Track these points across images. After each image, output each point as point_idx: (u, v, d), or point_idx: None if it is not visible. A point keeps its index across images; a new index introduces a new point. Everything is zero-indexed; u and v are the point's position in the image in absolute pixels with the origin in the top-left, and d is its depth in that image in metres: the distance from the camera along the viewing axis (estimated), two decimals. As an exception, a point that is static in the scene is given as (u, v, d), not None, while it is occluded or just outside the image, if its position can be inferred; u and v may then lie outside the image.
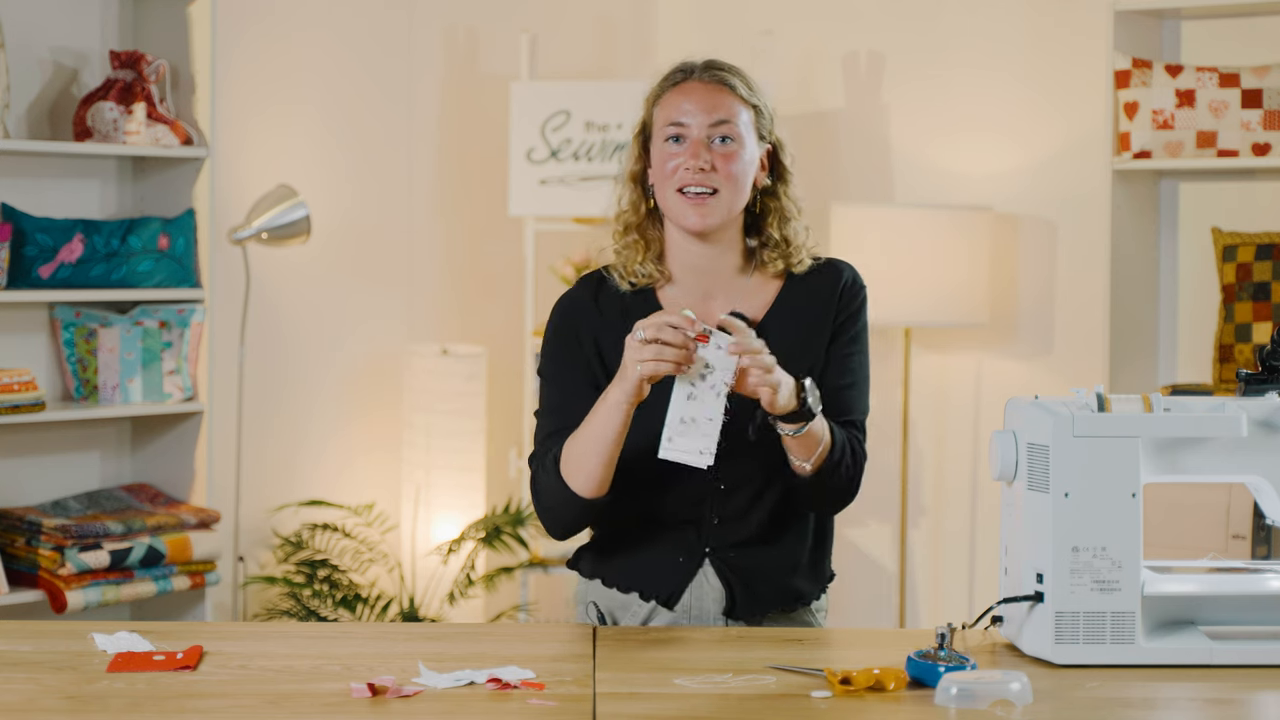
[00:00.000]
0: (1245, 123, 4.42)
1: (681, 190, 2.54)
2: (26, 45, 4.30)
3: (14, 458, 4.35)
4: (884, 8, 5.19)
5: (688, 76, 2.59)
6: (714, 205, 2.55)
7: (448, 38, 5.25)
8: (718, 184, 2.54)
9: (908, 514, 5.05)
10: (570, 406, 2.54)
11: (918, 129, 5.14)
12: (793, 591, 2.60)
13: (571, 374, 2.58)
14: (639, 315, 2.50)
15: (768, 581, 2.58)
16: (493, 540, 4.81)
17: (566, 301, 2.65)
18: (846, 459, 2.52)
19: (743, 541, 2.56)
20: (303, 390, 4.96)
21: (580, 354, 2.59)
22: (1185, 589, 2.35)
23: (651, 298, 2.61)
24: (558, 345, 2.62)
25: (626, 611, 2.59)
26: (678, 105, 2.57)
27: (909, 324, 4.82)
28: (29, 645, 2.36)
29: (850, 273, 2.65)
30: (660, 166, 2.57)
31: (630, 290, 2.61)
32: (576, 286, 2.66)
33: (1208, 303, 4.68)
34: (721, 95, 2.57)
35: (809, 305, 2.61)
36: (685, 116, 2.55)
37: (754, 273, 2.63)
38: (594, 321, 2.60)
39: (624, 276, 2.62)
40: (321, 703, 2.09)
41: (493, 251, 5.30)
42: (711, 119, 2.55)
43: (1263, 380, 2.39)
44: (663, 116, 2.58)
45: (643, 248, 2.61)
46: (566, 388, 2.57)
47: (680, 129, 2.55)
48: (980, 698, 2.08)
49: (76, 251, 4.24)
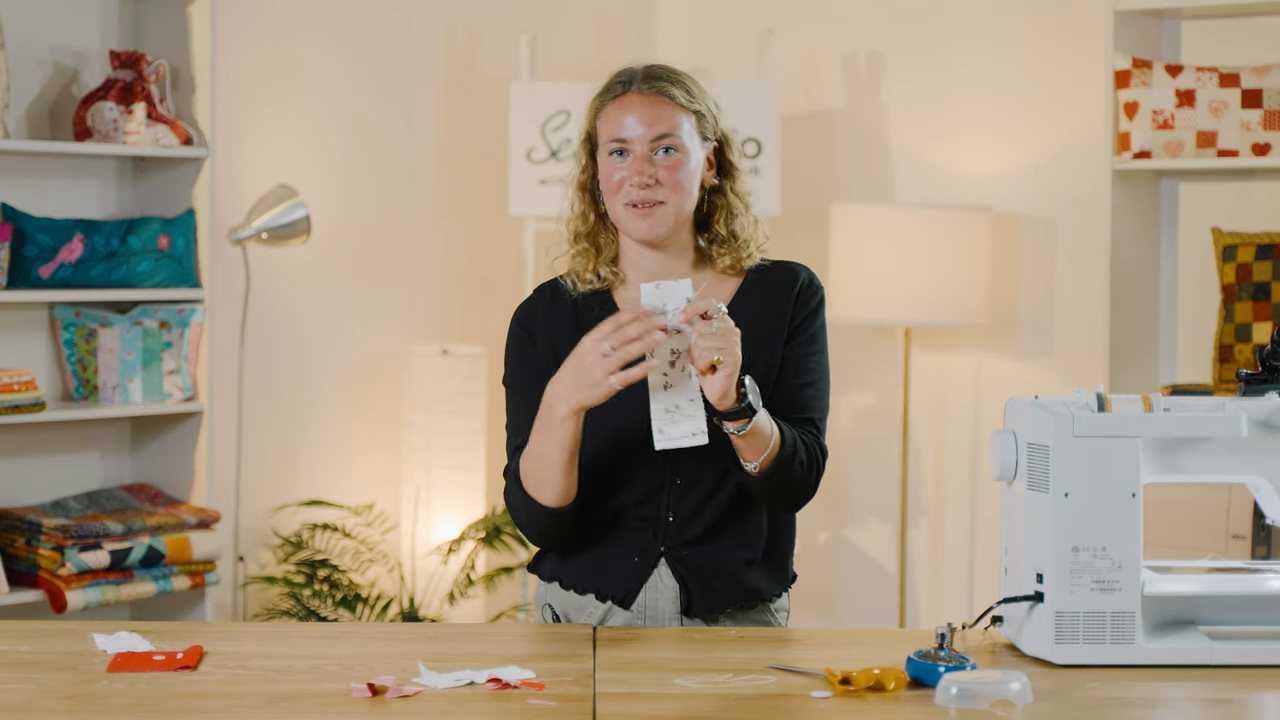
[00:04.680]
0: (1245, 123, 4.42)
1: (629, 203, 2.57)
2: (26, 45, 4.30)
3: (14, 458, 4.35)
4: (884, 8, 5.19)
5: (627, 88, 2.60)
6: (661, 215, 2.57)
7: (448, 38, 5.25)
8: (664, 196, 2.56)
9: (908, 514, 5.05)
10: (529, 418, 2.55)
11: (918, 129, 5.14)
12: (749, 589, 2.60)
13: (535, 385, 2.56)
14: (596, 318, 2.53)
15: (722, 578, 2.58)
16: (493, 540, 4.81)
17: (522, 311, 2.68)
18: (800, 457, 2.52)
19: (697, 538, 2.58)
20: (303, 390, 4.96)
21: (538, 362, 2.61)
22: (1185, 589, 2.35)
23: (608, 299, 2.64)
24: (518, 356, 2.65)
25: (582, 612, 2.60)
26: (619, 120, 2.58)
27: (909, 324, 4.82)
28: (29, 645, 2.36)
29: (806, 274, 2.67)
30: (607, 180, 2.60)
31: (585, 294, 2.64)
32: (532, 296, 2.70)
33: (1208, 303, 4.68)
34: (661, 106, 2.57)
35: (764, 305, 2.63)
36: (626, 131, 2.57)
37: (706, 271, 2.65)
38: (550, 327, 2.63)
39: (578, 283, 2.65)
40: (321, 703, 2.09)
41: (493, 251, 5.30)
42: (653, 133, 2.56)
43: (1263, 380, 2.39)
44: (605, 130, 2.60)
45: (594, 254, 2.64)
46: (532, 399, 2.56)
47: (623, 144, 2.57)
48: (980, 698, 2.08)
49: (76, 251, 4.24)
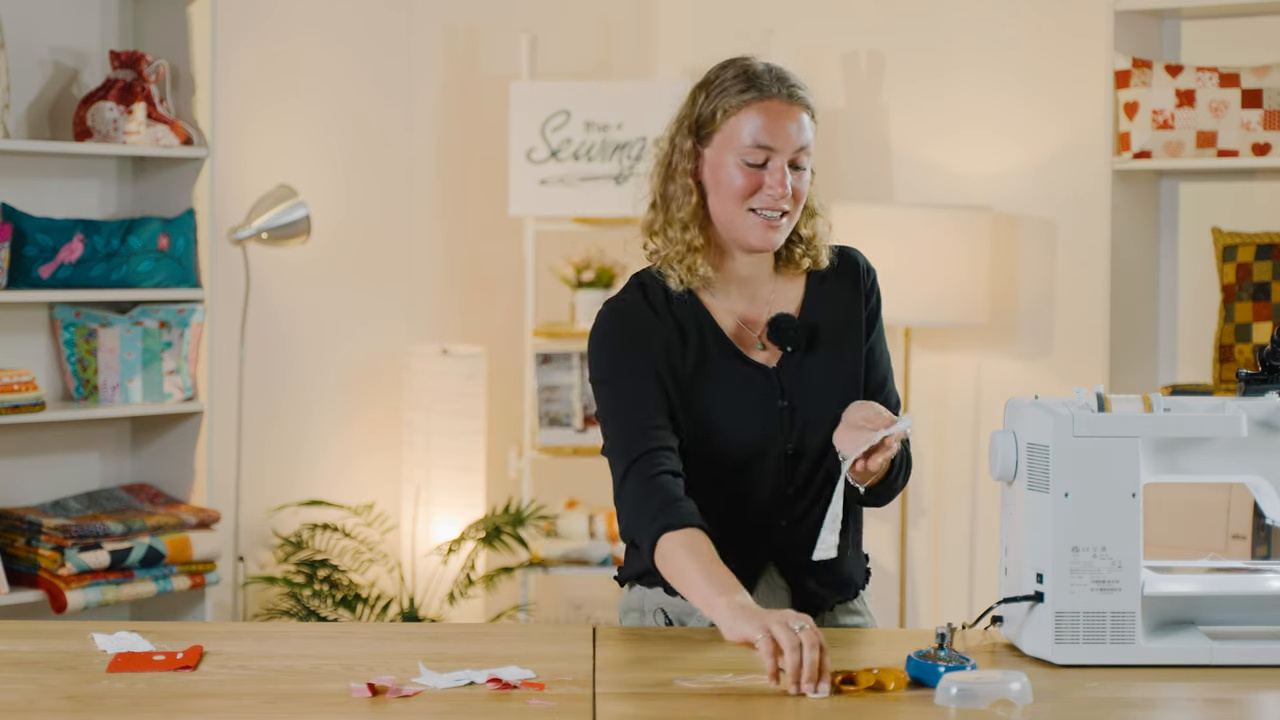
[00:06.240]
0: (1245, 123, 4.42)
1: (755, 210, 2.50)
2: (26, 45, 4.30)
3: (14, 458, 4.35)
4: (884, 8, 5.19)
5: (765, 92, 2.50)
6: (785, 227, 2.52)
7: (448, 37, 5.25)
8: (790, 207, 2.51)
9: (908, 514, 5.05)
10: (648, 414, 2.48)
11: (918, 129, 5.14)
12: (848, 582, 2.62)
13: (645, 380, 2.50)
14: (692, 322, 2.51)
15: (828, 575, 2.58)
16: (493, 540, 4.81)
17: (622, 307, 2.56)
18: (900, 479, 2.55)
19: (804, 540, 2.53)
20: (303, 390, 4.96)
21: (648, 359, 2.51)
22: (1185, 589, 2.35)
23: (699, 303, 2.56)
24: (624, 350, 2.53)
25: (693, 616, 2.54)
26: (762, 126, 2.48)
27: (909, 324, 4.82)
28: (29, 645, 2.36)
29: (864, 258, 2.65)
30: (731, 182, 2.50)
31: (678, 296, 2.55)
32: (626, 292, 2.58)
33: (1208, 303, 4.68)
34: (803, 118, 2.50)
35: (838, 297, 2.61)
36: (773, 141, 2.48)
37: (782, 271, 2.62)
38: (656, 327, 2.53)
39: (678, 275, 2.54)
40: (321, 703, 2.09)
41: (493, 251, 5.30)
42: (797, 145, 2.49)
43: (1263, 380, 2.39)
44: (741, 133, 2.49)
45: (702, 246, 2.54)
46: (645, 391, 2.49)
47: (767, 153, 2.48)
48: (980, 698, 2.08)
49: (76, 251, 4.24)
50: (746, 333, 2.57)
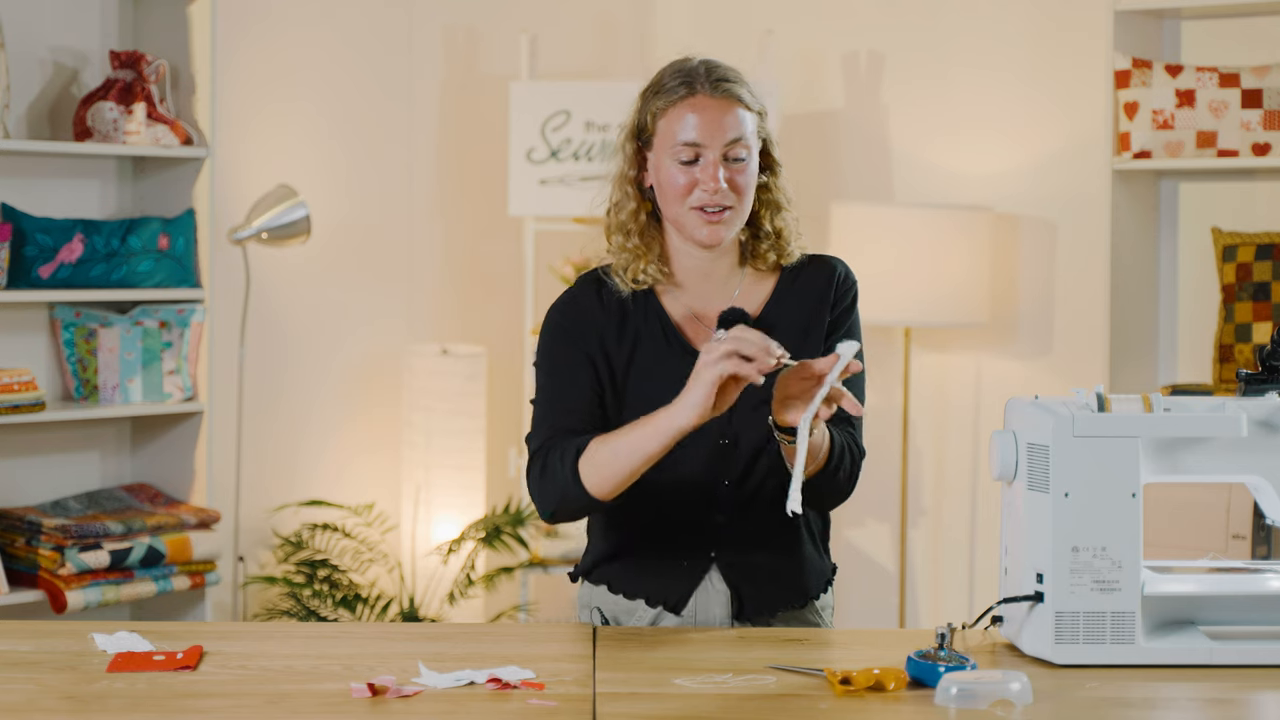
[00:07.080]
0: (1245, 123, 4.42)
1: (697, 208, 2.51)
2: (26, 45, 4.30)
3: (14, 458, 4.35)
4: (884, 8, 5.19)
5: (693, 90, 2.52)
6: (729, 220, 2.53)
7: (448, 37, 5.25)
8: (732, 201, 2.51)
9: (907, 514, 5.05)
10: (574, 400, 2.54)
11: (918, 129, 5.14)
12: (799, 589, 2.60)
13: (578, 370, 2.55)
14: (641, 317, 2.53)
15: (774, 581, 2.58)
16: (493, 540, 4.81)
17: (569, 299, 2.62)
18: (845, 463, 2.52)
19: (748, 542, 2.56)
20: (303, 390, 4.96)
21: (584, 350, 2.57)
22: (1185, 589, 2.35)
23: (653, 299, 2.60)
24: (561, 340, 2.58)
25: (631, 616, 2.59)
26: (689, 123, 2.50)
27: (909, 324, 4.81)
28: (29, 645, 2.36)
29: (843, 268, 2.65)
30: (670, 183, 2.52)
31: (630, 292, 2.60)
32: (576, 286, 2.64)
33: (1208, 303, 4.68)
34: (733, 110, 2.51)
35: (804, 300, 2.60)
36: (700, 137, 2.50)
37: (747, 267, 2.62)
38: (598, 320, 2.58)
39: (625, 280, 2.59)
40: (321, 703, 2.09)
41: (492, 251, 5.30)
42: (727, 138, 2.50)
43: (1263, 380, 2.39)
44: (672, 132, 2.52)
45: (644, 252, 2.58)
46: (575, 379, 2.54)
47: (696, 149, 2.50)
48: (980, 698, 2.08)
49: (76, 251, 4.24)
50: (700, 327, 2.58)
